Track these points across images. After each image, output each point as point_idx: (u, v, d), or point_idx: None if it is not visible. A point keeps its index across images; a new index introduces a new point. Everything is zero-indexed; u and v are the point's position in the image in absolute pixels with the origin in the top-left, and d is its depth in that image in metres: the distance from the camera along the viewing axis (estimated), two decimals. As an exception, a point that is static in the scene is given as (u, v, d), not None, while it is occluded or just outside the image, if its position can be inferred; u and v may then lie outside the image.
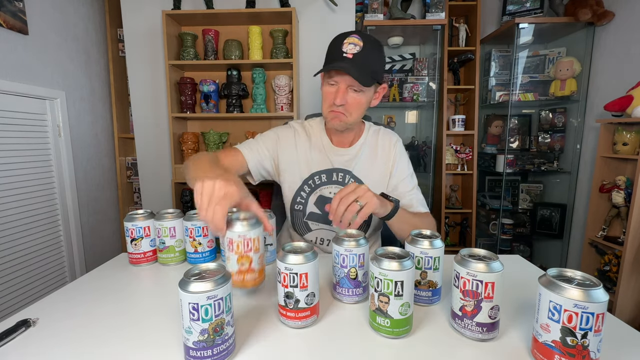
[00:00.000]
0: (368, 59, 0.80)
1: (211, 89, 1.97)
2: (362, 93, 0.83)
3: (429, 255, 0.57)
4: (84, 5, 2.03)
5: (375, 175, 0.95)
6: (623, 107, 1.59)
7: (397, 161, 0.96)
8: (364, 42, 0.79)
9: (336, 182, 0.94)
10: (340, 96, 0.81)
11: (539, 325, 0.43)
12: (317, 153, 0.96)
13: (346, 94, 0.82)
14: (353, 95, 0.83)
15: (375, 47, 0.82)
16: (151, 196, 2.18)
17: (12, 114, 1.57)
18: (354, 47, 0.79)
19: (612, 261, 1.67)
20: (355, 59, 0.78)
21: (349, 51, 0.78)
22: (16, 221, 1.59)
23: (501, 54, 2.26)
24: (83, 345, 0.50)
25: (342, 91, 0.81)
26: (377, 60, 0.83)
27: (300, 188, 0.95)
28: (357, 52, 0.78)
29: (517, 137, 2.39)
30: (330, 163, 0.95)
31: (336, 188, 0.94)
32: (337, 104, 0.82)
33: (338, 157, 0.95)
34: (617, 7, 1.87)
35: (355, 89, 0.82)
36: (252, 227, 0.56)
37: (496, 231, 2.32)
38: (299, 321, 0.52)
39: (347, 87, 0.81)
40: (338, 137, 0.96)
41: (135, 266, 0.78)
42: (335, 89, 0.82)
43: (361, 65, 0.78)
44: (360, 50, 0.78)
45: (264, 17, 1.90)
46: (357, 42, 0.79)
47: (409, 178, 0.97)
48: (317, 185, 0.95)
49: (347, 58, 0.78)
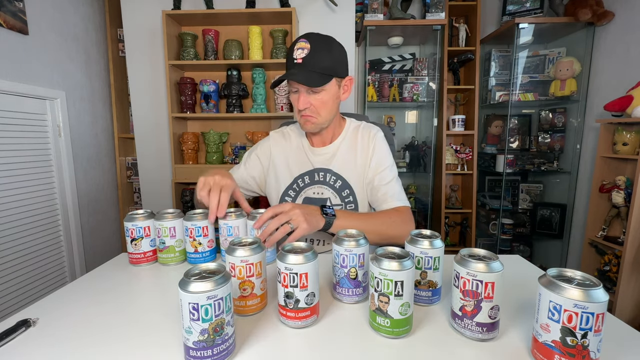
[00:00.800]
0: (317, 59, 0.82)
1: (211, 89, 1.97)
2: (324, 92, 0.85)
3: (429, 255, 0.57)
4: (84, 5, 2.03)
5: (356, 170, 0.95)
6: (623, 107, 1.59)
7: (375, 152, 0.95)
8: (311, 44, 0.81)
9: (319, 182, 0.96)
10: (301, 101, 0.85)
11: (539, 325, 0.43)
12: (298, 156, 0.98)
13: (308, 97, 0.85)
14: (314, 96, 0.85)
15: (323, 45, 0.83)
16: (151, 196, 2.18)
17: (12, 114, 1.57)
18: (302, 51, 0.81)
19: (612, 261, 1.67)
20: (304, 62, 0.81)
21: (298, 56, 0.82)
22: (16, 221, 1.59)
23: (501, 54, 2.26)
24: (83, 345, 0.50)
25: (303, 96, 0.85)
26: (327, 57, 0.84)
27: (285, 193, 0.97)
28: (305, 56, 0.81)
29: (517, 137, 2.39)
30: (311, 164, 0.97)
31: (319, 188, 0.96)
32: (300, 108, 0.85)
33: (317, 157, 0.97)
34: (617, 7, 1.87)
35: (314, 90, 0.84)
36: (254, 251, 0.56)
37: (496, 231, 2.32)
38: (299, 321, 0.52)
39: (306, 90, 0.84)
40: (316, 137, 0.98)
41: (135, 266, 0.78)
42: (298, 95, 0.86)
43: (311, 67, 0.81)
44: (309, 53, 0.81)
45: (264, 17, 1.90)
46: (305, 45, 0.81)
47: (388, 170, 0.94)
48: (302, 187, 0.96)
49: (298, 64, 0.82)
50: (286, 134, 1.03)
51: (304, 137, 1.00)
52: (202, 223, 0.74)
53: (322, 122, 0.89)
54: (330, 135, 0.97)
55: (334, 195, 0.95)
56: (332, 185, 0.95)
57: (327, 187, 0.95)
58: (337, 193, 0.95)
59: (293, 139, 1.02)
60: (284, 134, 1.03)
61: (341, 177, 0.95)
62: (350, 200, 0.95)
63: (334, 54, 0.86)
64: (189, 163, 2.03)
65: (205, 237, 0.75)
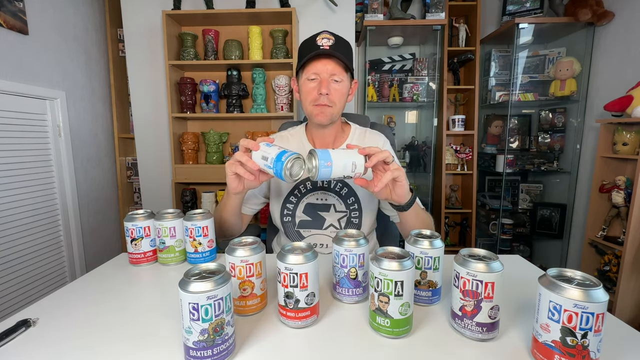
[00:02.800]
0: (341, 51, 0.84)
1: (211, 89, 1.97)
2: (342, 83, 0.86)
3: (429, 255, 0.57)
4: (84, 5, 2.03)
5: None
6: (623, 107, 1.59)
7: None
8: (335, 37, 0.84)
9: (321, 188, 0.94)
10: (324, 85, 0.84)
11: (539, 325, 0.43)
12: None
13: (330, 84, 0.85)
14: (335, 85, 0.85)
15: (344, 42, 0.87)
16: (151, 196, 2.18)
17: (12, 114, 1.57)
18: (328, 40, 0.83)
19: (612, 261, 1.67)
20: (332, 49, 0.82)
21: (325, 44, 0.82)
22: (16, 221, 1.59)
23: (501, 54, 2.27)
24: (83, 345, 0.50)
25: (325, 81, 0.84)
26: (348, 52, 0.87)
27: (287, 200, 0.95)
28: (332, 44, 0.83)
29: (517, 137, 2.39)
30: None
31: (322, 194, 0.94)
32: (324, 92, 0.83)
33: None
34: (617, 7, 1.87)
35: (337, 78, 0.85)
36: (254, 251, 0.56)
37: (496, 231, 2.32)
38: (299, 321, 0.52)
39: (329, 76, 0.84)
40: (320, 139, 0.96)
41: (135, 266, 0.78)
42: (317, 82, 0.85)
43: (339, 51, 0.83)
44: (334, 43, 0.83)
45: (264, 17, 1.90)
46: (330, 37, 0.84)
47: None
48: (304, 194, 0.94)
49: (325, 49, 0.82)
50: (285, 137, 1.00)
51: (306, 140, 0.98)
52: (202, 223, 0.74)
53: (335, 114, 0.88)
54: (333, 138, 0.95)
55: (338, 201, 0.93)
56: (337, 192, 0.94)
57: (331, 193, 0.94)
58: (343, 200, 0.93)
59: (293, 142, 0.99)
60: (283, 138, 1.00)
61: (347, 185, 0.93)
62: (355, 207, 0.93)
63: (351, 52, 0.89)
64: (189, 163, 2.03)
65: (205, 237, 0.75)
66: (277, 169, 0.61)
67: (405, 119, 2.54)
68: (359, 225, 0.95)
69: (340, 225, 0.94)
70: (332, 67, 0.83)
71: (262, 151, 0.65)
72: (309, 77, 0.85)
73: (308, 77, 0.85)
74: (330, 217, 0.94)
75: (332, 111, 0.86)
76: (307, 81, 0.86)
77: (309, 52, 0.83)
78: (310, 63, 0.85)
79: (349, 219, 0.94)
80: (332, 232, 0.95)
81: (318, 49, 0.82)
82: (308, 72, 0.85)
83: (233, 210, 0.83)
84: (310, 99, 0.86)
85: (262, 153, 0.64)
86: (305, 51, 0.86)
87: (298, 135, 1.00)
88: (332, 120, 0.89)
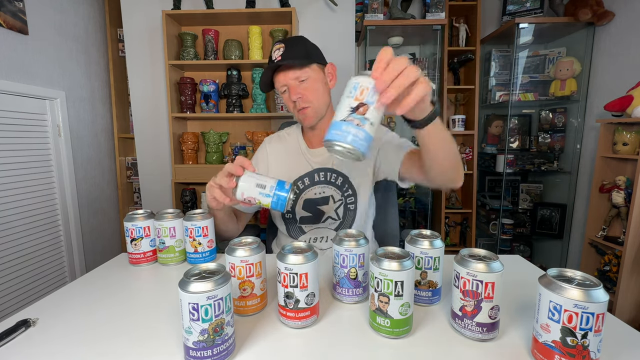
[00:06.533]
0: (293, 52, 0.86)
1: (211, 89, 1.97)
2: (310, 79, 0.88)
3: (429, 255, 0.57)
4: (84, 5, 2.03)
5: (360, 166, 0.95)
6: (623, 107, 1.59)
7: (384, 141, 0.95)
8: (285, 43, 0.87)
9: (319, 182, 0.96)
10: (293, 92, 0.88)
11: (539, 326, 0.43)
12: (296, 158, 0.99)
13: (297, 89, 0.88)
14: (303, 85, 0.88)
15: (295, 40, 0.90)
16: (151, 196, 2.17)
17: (12, 114, 1.57)
18: (279, 51, 0.86)
19: (612, 261, 1.67)
20: (283, 57, 0.85)
21: (276, 56, 0.86)
22: (16, 221, 1.59)
23: (501, 54, 2.26)
24: (83, 345, 0.50)
25: (293, 87, 0.88)
26: (302, 48, 0.89)
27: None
28: (283, 52, 0.86)
29: (517, 137, 2.39)
30: (310, 166, 0.97)
31: (320, 188, 0.96)
32: (294, 98, 0.88)
33: (316, 158, 0.97)
34: (617, 7, 1.87)
35: (301, 78, 0.87)
36: (254, 251, 0.56)
37: (496, 231, 2.32)
38: (299, 321, 0.52)
39: (293, 81, 0.87)
40: (315, 136, 0.99)
41: (135, 266, 0.78)
42: (288, 92, 0.89)
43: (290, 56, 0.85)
44: (284, 50, 0.86)
45: (264, 17, 1.90)
46: (279, 46, 0.87)
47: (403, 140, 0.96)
48: (302, 190, 0.97)
49: (277, 60, 0.86)
50: (282, 137, 1.05)
51: (302, 139, 1.01)
52: (202, 223, 0.74)
53: (318, 109, 0.91)
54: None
55: (336, 192, 0.96)
56: (333, 183, 0.96)
57: (329, 185, 0.96)
58: (339, 189, 0.96)
59: (290, 141, 1.02)
60: (281, 137, 1.05)
61: (342, 174, 0.96)
62: (350, 193, 0.96)
63: (307, 45, 0.91)
64: (189, 163, 2.03)
65: (205, 237, 0.75)
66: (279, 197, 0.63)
67: (405, 119, 2.53)
68: (355, 210, 0.96)
69: (337, 215, 0.96)
70: (290, 73, 0.87)
71: (254, 178, 0.64)
72: (281, 91, 0.91)
73: (280, 90, 0.91)
74: (328, 210, 0.96)
75: (312, 109, 0.90)
76: (282, 94, 0.92)
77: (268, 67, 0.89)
78: (275, 79, 0.90)
79: (345, 206, 0.96)
80: (331, 224, 0.97)
81: (272, 62, 0.87)
82: (278, 86, 0.91)
83: (221, 220, 0.85)
84: (291, 108, 0.92)
85: (256, 180, 0.63)
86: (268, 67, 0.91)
87: (295, 135, 1.03)
88: (318, 117, 0.93)
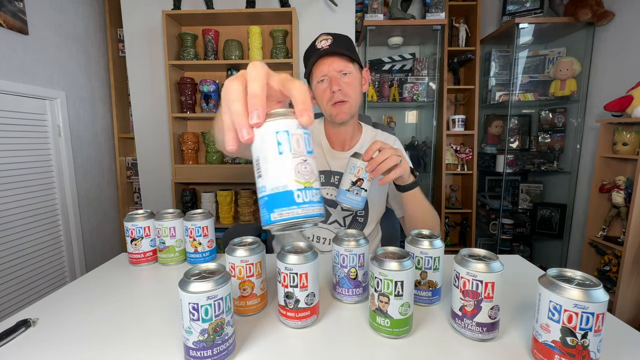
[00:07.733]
0: (341, 46, 0.86)
1: (211, 89, 1.97)
2: (351, 75, 0.87)
3: (429, 255, 0.57)
4: (84, 5, 2.03)
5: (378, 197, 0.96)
6: (623, 107, 1.59)
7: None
8: (333, 36, 0.86)
9: (333, 184, 0.96)
10: (334, 83, 0.85)
11: (539, 325, 0.43)
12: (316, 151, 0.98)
13: (339, 80, 0.86)
14: (345, 79, 0.87)
15: (343, 37, 0.89)
16: (151, 196, 2.17)
17: (12, 114, 1.57)
18: (326, 41, 0.85)
19: (612, 261, 1.67)
20: (331, 47, 0.85)
21: (324, 45, 0.85)
22: (16, 221, 1.59)
23: (501, 54, 2.26)
24: (83, 345, 0.50)
25: (335, 79, 0.86)
26: (350, 43, 0.90)
27: None
28: (331, 43, 0.85)
29: (517, 137, 2.39)
30: (328, 166, 0.97)
31: (332, 189, 0.95)
32: (335, 89, 0.85)
33: (335, 161, 0.97)
34: (617, 7, 1.87)
35: (345, 72, 0.86)
36: (254, 251, 0.56)
37: (496, 231, 2.32)
38: (299, 321, 0.52)
39: (337, 72, 0.86)
40: (337, 136, 0.98)
41: (135, 266, 0.78)
42: (327, 82, 0.87)
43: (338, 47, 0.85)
44: (333, 42, 0.85)
45: (264, 17, 1.90)
46: (327, 37, 0.86)
47: None
48: None
49: (325, 49, 0.84)
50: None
51: (324, 137, 1.00)
52: (202, 223, 0.74)
53: (353, 107, 0.90)
54: (350, 135, 0.98)
55: None
56: None
57: None
58: None
59: (314, 132, 1.01)
60: None
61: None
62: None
63: (352, 45, 0.92)
64: (189, 163, 2.03)
65: (205, 237, 0.75)
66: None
67: (405, 119, 2.54)
68: (363, 224, 0.96)
69: (344, 222, 0.96)
70: (336, 64, 0.85)
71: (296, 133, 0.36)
72: (318, 80, 0.88)
73: (318, 80, 0.88)
74: (335, 213, 0.96)
75: (349, 105, 0.88)
76: (318, 84, 0.88)
77: (311, 55, 0.87)
78: (315, 67, 0.87)
79: (354, 218, 0.96)
80: (335, 228, 0.96)
81: (316, 50, 0.85)
82: (316, 75, 0.87)
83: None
84: (326, 100, 0.88)
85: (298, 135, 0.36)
86: (308, 57, 0.89)
87: (317, 133, 1.01)
88: (352, 115, 0.91)
